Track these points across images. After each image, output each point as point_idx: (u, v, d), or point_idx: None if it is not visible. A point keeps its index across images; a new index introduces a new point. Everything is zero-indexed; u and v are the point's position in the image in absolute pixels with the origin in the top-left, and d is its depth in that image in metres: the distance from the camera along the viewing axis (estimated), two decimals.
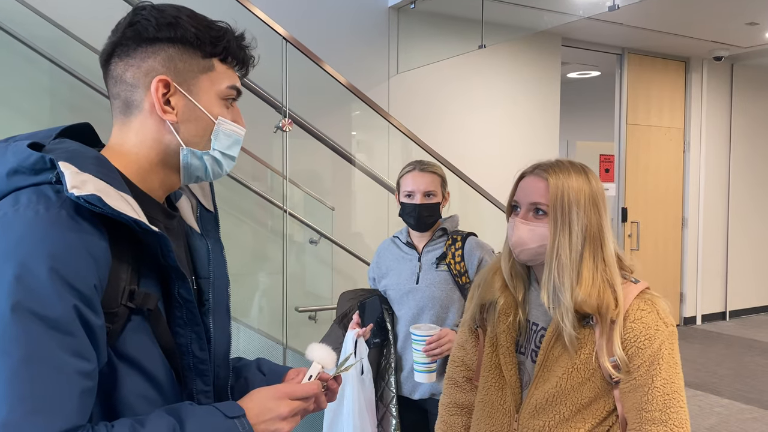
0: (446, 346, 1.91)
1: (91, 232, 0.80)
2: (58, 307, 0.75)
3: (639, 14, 4.82)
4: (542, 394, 1.27)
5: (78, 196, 0.78)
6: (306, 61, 3.02)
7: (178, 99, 0.92)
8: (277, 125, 2.92)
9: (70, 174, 0.80)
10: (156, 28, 0.90)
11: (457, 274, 2.05)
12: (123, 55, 0.91)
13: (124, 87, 0.91)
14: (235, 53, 0.96)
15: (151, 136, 0.92)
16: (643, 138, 6.20)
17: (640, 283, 1.27)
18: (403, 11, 4.54)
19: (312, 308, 3.58)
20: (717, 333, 6.28)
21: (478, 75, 5.01)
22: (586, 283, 1.21)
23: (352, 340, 2.03)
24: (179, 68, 0.91)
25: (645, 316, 1.21)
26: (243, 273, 3.79)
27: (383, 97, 4.47)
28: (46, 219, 0.78)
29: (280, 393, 0.92)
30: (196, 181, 0.99)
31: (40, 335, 0.74)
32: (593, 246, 1.23)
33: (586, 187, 1.25)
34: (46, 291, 0.75)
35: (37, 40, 3.12)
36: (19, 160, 0.83)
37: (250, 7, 2.80)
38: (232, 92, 0.97)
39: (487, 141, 5.03)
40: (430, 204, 2.08)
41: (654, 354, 1.20)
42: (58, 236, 0.78)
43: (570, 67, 6.73)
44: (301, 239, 3.81)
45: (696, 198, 6.52)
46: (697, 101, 6.47)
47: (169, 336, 0.91)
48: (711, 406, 4.25)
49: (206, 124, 0.94)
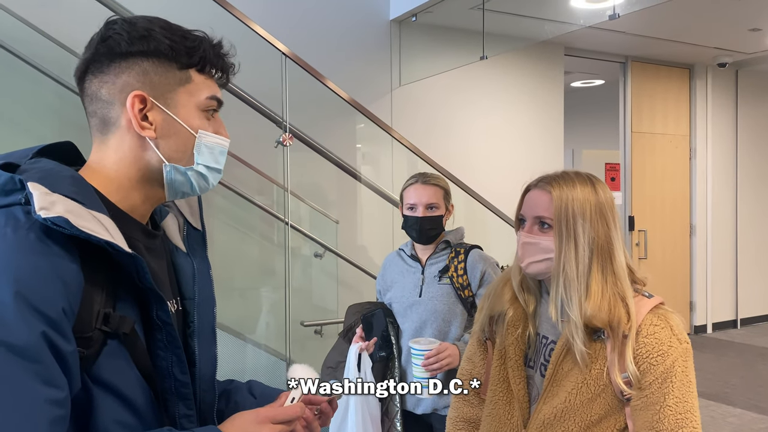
0: (445, 361, 1.89)
1: (60, 255, 0.77)
2: (24, 334, 0.72)
3: (641, 22, 4.82)
4: (550, 409, 1.24)
5: (45, 218, 0.75)
6: (308, 75, 3.04)
7: (155, 114, 0.88)
8: (278, 140, 2.94)
9: (39, 195, 0.77)
10: (128, 42, 0.87)
11: (460, 288, 2.04)
12: (97, 71, 0.88)
13: (100, 104, 0.89)
14: (213, 62, 0.93)
15: (130, 153, 0.89)
16: (649, 146, 6.18)
17: (654, 298, 1.23)
18: (404, 24, 4.57)
19: (318, 322, 3.57)
20: (728, 341, 6.21)
21: (480, 86, 5.01)
22: (595, 296, 1.18)
23: (354, 354, 2.02)
24: (155, 82, 0.88)
25: (658, 332, 1.18)
26: (248, 288, 3.79)
27: (386, 110, 4.48)
28: (13, 242, 0.75)
29: (262, 417, 0.89)
30: (183, 196, 0.96)
31: (6, 363, 0.71)
32: (602, 258, 1.21)
33: (592, 197, 1.22)
34: (11, 317, 0.72)
35: (42, 61, 3.15)
36: None
37: (251, 24, 2.82)
38: (213, 103, 0.93)
39: (491, 152, 5.02)
40: (432, 217, 2.07)
41: (667, 371, 1.17)
42: (24, 260, 0.75)
43: (573, 77, 6.73)
44: (306, 253, 3.81)
45: (704, 205, 6.48)
46: (703, 108, 6.45)
47: (148, 360, 0.88)
48: (723, 416, 4.19)
49: (187, 138, 0.91)
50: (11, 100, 3.23)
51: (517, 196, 1.34)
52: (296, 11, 4.13)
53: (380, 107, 4.38)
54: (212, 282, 1.03)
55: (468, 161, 4.70)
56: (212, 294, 1.01)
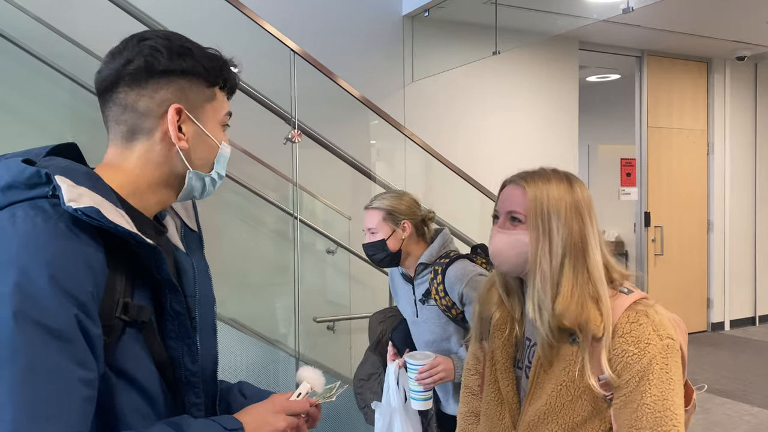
0: (439, 375, 1.89)
1: (88, 243, 0.82)
2: (59, 316, 0.76)
3: (657, 15, 4.76)
4: (534, 410, 1.24)
5: (76, 208, 0.80)
6: (319, 72, 3.04)
7: (188, 126, 0.96)
8: (287, 137, 2.94)
9: (67, 187, 0.81)
10: (168, 59, 0.93)
11: (445, 309, 1.96)
12: (134, 84, 0.92)
13: (134, 115, 0.93)
14: (232, 82, 1.02)
15: (157, 160, 0.95)
16: (665, 141, 6.10)
17: (633, 294, 1.19)
18: (417, 20, 4.55)
19: (330, 318, 3.58)
20: (746, 338, 6.13)
21: (493, 81, 4.98)
22: (565, 295, 1.16)
23: (394, 374, 2.01)
24: (190, 98, 0.95)
25: (635, 330, 1.14)
26: (260, 284, 3.81)
27: (398, 106, 4.47)
28: (45, 230, 0.79)
29: (278, 407, 0.96)
30: (188, 199, 1.02)
31: (43, 344, 0.75)
32: (574, 257, 1.18)
33: (568, 195, 1.21)
34: (47, 300, 0.76)
35: (57, 58, 3.18)
36: (13, 174, 0.84)
37: (260, 22, 2.82)
38: (227, 118, 1.02)
39: (505, 148, 4.99)
40: (372, 243, 2.00)
41: (644, 369, 1.12)
42: (56, 246, 0.79)
43: (588, 71, 6.66)
44: (319, 249, 3.82)
45: (721, 201, 6.39)
46: (720, 102, 6.36)
47: (162, 349, 0.92)
48: (740, 415, 4.14)
49: (211, 148, 0.99)
50: (27, 97, 3.27)
51: None
52: (308, 7, 4.13)
53: (393, 103, 4.37)
54: (211, 281, 1.07)
55: (481, 157, 4.68)
56: (212, 292, 1.06)
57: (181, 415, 0.91)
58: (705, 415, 4.08)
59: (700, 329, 6.36)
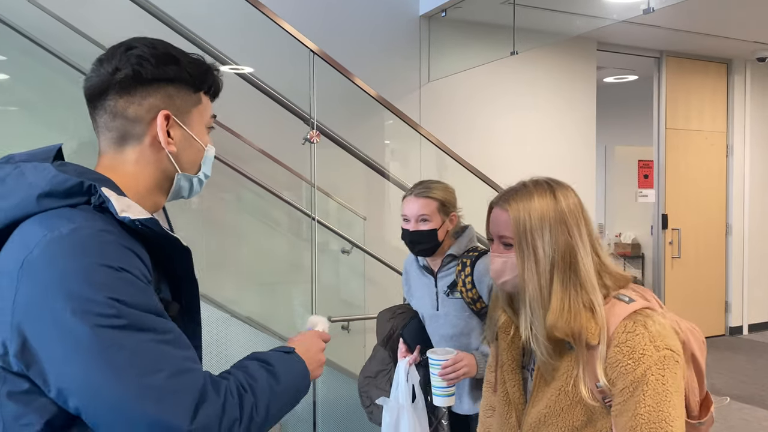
0: (462, 371, 1.89)
1: (138, 244, 0.91)
2: (144, 293, 0.86)
3: (677, 16, 4.71)
4: (536, 413, 1.25)
5: (133, 219, 0.88)
6: (337, 72, 3.04)
7: (176, 131, 1.01)
8: (305, 137, 2.95)
9: (115, 199, 0.89)
10: (155, 67, 0.97)
11: (471, 302, 1.97)
12: (123, 92, 0.97)
13: (123, 121, 0.98)
14: (216, 86, 1.07)
15: (149, 164, 1.00)
16: (683, 143, 6.04)
17: (634, 303, 1.18)
18: (434, 20, 4.54)
19: (345, 318, 3.58)
20: (765, 343, 6.04)
21: (510, 82, 4.96)
22: (554, 310, 1.16)
23: (404, 370, 2.00)
24: (177, 104, 1.00)
25: (631, 339, 1.13)
26: (276, 282, 3.82)
27: (414, 106, 4.46)
28: (109, 231, 0.87)
29: (315, 333, 1.16)
30: (178, 199, 1.10)
31: (148, 313, 0.85)
32: (563, 270, 1.18)
33: (551, 208, 1.20)
34: (132, 283, 0.85)
35: (73, 56, 3.21)
36: (51, 184, 0.89)
37: (279, 22, 2.83)
38: (212, 120, 1.09)
39: (522, 149, 4.97)
40: (423, 231, 1.99)
41: (638, 380, 1.12)
42: (123, 243, 0.87)
43: (606, 72, 6.61)
44: (334, 249, 3.83)
45: (740, 203, 6.31)
46: (740, 104, 6.28)
47: None
48: (759, 420, 4.09)
49: (198, 151, 1.06)
50: (47, 96, 3.30)
51: None
52: (325, 7, 4.14)
53: (409, 103, 4.36)
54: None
55: (497, 158, 4.66)
56: None
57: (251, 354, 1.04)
58: (723, 421, 4.03)
59: (718, 333, 6.29)
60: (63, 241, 0.84)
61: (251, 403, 0.91)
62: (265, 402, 0.93)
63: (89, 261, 0.83)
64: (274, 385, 0.97)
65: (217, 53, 2.93)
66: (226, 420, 0.86)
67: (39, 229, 0.85)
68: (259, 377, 0.95)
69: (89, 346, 0.80)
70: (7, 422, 0.87)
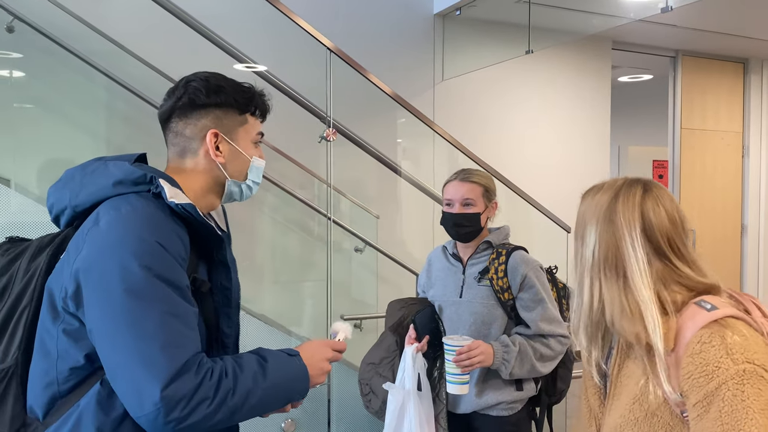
0: (477, 359, 1.87)
1: (181, 226, 1.14)
2: (174, 271, 1.08)
3: (694, 15, 4.66)
4: (612, 421, 1.19)
5: (177, 203, 1.12)
6: (350, 70, 3.03)
7: (224, 146, 1.26)
8: (322, 135, 2.94)
9: (168, 188, 1.13)
10: (206, 96, 1.23)
11: (499, 290, 1.98)
12: (182, 116, 1.24)
13: (183, 139, 1.25)
14: (262, 108, 1.31)
15: (203, 172, 1.26)
16: (699, 143, 5.98)
17: (716, 311, 1.08)
18: (448, 18, 4.52)
19: (357, 316, 3.58)
20: None
21: (525, 81, 4.93)
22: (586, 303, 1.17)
23: (411, 356, 2.00)
24: (225, 123, 1.26)
25: (705, 351, 1.04)
26: (290, 281, 3.83)
27: (428, 105, 4.45)
28: (160, 213, 1.12)
29: (327, 343, 1.28)
30: (230, 201, 1.33)
31: (170, 290, 1.07)
32: (605, 267, 1.16)
33: (606, 204, 1.18)
34: (165, 260, 1.07)
35: (93, 55, 3.23)
36: (125, 174, 1.15)
37: (296, 19, 2.83)
38: (259, 137, 1.33)
39: (535, 148, 4.94)
40: (467, 214, 2.02)
41: (711, 394, 1.02)
42: (165, 225, 1.11)
43: (621, 71, 6.56)
44: (347, 247, 3.83)
45: (756, 204, 6.25)
46: (757, 104, 6.21)
47: (213, 314, 1.22)
48: None
49: (244, 162, 1.30)
50: (65, 95, 3.33)
51: (562, 193, 1.34)
52: (338, 7, 4.13)
53: (422, 102, 4.35)
54: (237, 270, 1.34)
55: (511, 157, 4.64)
56: (237, 280, 1.34)
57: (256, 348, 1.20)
58: None
59: None
60: (121, 218, 1.09)
61: (228, 388, 1.06)
62: (244, 391, 1.09)
63: (136, 235, 1.07)
64: (260, 379, 1.12)
65: (234, 51, 2.94)
66: (197, 397, 1.02)
67: (108, 207, 1.12)
68: (247, 368, 1.11)
69: (111, 302, 1.04)
70: (60, 353, 1.10)
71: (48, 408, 1.11)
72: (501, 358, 1.93)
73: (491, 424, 2.03)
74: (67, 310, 1.09)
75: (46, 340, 1.12)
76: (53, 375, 1.10)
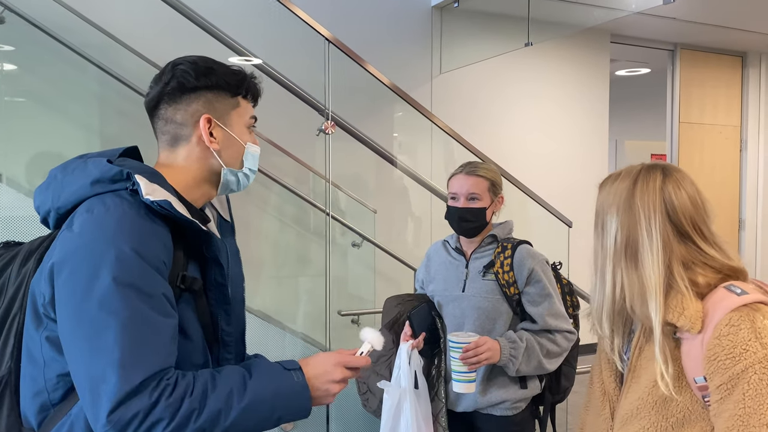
0: (484, 355, 1.81)
1: (161, 226, 1.06)
2: (148, 279, 1.01)
3: (692, 8, 4.63)
4: (629, 404, 1.18)
5: (153, 201, 1.03)
6: (348, 62, 2.98)
7: (218, 131, 1.18)
8: (320, 128, 2.90)
9: (144, 184, 1.05)
10: (195, 78, 1.15)
11: (505, 285, 1.94)
12: (171, 101, 1.16)
13: (174, 126, 1.17)
14: (253, 91, 1.23)
15: (197, 161, 1.18)
16: (697, 137, 5.97)
17: (746, 296, 1.08)
18: (446, 10, 4.48)
19: (355, 312, 3.55)
20: None
21: (523, 74, 4.90)
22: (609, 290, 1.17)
23: (406, 353, 1.94)
24: (217, 108, 1.18)
25: (734, 333, 1.04)
26: (287, 276, 3.80)
27: (426, 98, 4.41)
28: (131, 215, 1.04)
29: (339, 360, 1.14)
30: (227, 192, 1.26)
31: (139, 300, 0.99)
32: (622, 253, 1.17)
33: (626, 191, 1.18)
34: (138, 267, 1.00)
35: (86, 47, 3.18)
36: (101, 172, 1.08)
37: (293, 9, 2.78)
38: (252, 121, 1.25)
39: (533, 141, 4.91)
40: (473, 208, 1.97)
41: (736, 376, 1.02)
42: (141, 227, 1.03)
43: (619, 65, 6.53)
44: (344, 242, 3.79)
45: (754, 198, 6.25)
46: (755, 97, 6.20)
47: (207, 312, 1.15)
48: None
49: (239, 148, 1.22)
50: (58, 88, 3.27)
51: (561, 185, 1.32)
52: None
53: (420, 95, 4.31)
54: (241, 262, 1.30)
55: (508, 150, 4.61)
56: (242, 272, 1.29)
57: (248, 360, 1.14)
58: None
59: None
60: (93, 220, 1.03)
61: (191, 409, 0.99)
62: (213, 411, 1.00)
63: (107, 240, 1.01)
64: (236, 398, 1.03)
65: (230, 42, 2.88)
66: (150, 419, 0.96)
67: (82, 210, 1.06)
68: (222, 386, 1.03)
69: (75, 310, 0.99)
70: (47, 360, 1.06)
71: (42, 417, 1.07)
72: (508, 355, 1.88)
73: (495, 424, 1.99)
74: (48, 316, 1.05)
75: (32, 347, 1.08)
76: (42, 383, 1.06)
